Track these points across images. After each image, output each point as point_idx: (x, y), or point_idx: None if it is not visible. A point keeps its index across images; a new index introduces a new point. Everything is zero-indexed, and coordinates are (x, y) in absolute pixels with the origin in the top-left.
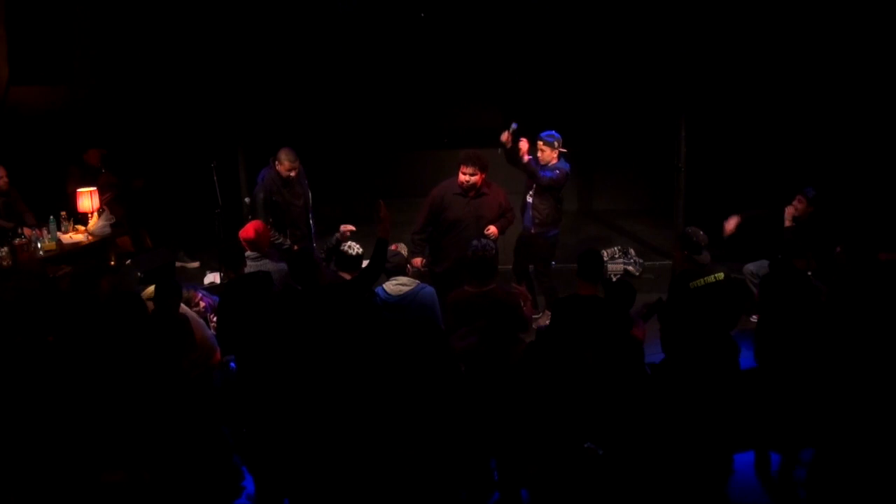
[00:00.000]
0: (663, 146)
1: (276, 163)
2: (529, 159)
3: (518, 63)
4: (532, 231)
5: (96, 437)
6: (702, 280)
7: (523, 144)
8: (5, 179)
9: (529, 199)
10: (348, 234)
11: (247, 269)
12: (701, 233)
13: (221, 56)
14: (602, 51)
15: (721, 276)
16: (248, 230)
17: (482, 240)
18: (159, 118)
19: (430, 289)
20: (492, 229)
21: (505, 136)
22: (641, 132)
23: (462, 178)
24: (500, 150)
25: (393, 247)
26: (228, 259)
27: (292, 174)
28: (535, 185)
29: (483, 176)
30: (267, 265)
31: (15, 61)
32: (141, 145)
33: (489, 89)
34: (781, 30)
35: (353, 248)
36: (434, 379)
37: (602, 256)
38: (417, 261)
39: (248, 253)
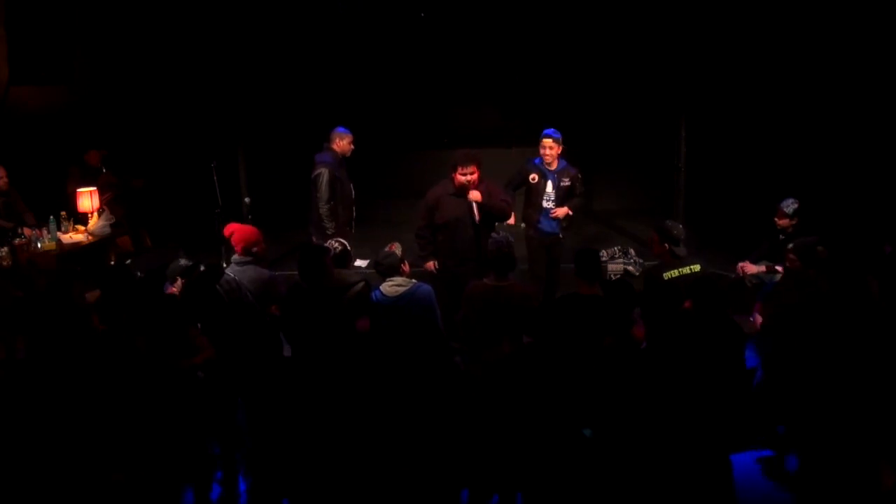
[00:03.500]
0: (663, 146)
1: (338, 139)
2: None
3: (518, 63)
4: (560, 236)
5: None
6: (676, 271)
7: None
8: (5, 180)
9: (549, 205)
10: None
11: (229, 273)
12: (680, 226)
13: (221, 56)
14: (602, 51)
15: (697, 268)
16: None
17: (500, 233)
18: (159, 118)
19: (426, 287)
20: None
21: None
22: (641, 132)
23: (461, 178)
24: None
25: (389, 247)
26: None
27: (353, 147)
28: (555, 191)
29: (479, 173)
30: (248, 271)
31: (15, 61)
32: (141, 145)
33: (489, 89)
34: (781, 30)
35: (332, 246)
36: (434, 380)
37: (599, 255)
38: (430, 264)
39: (233, 256)
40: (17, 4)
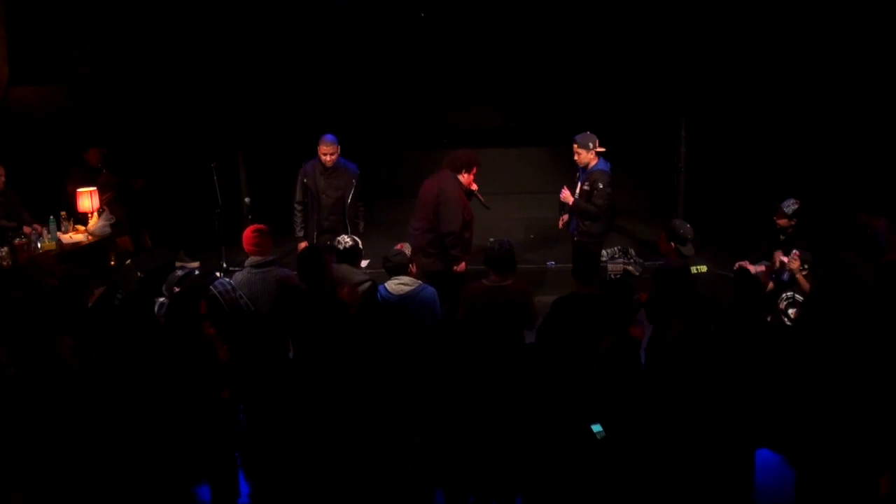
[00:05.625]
0: (663, 146)
1: (318, 148)
2: (574, 200)
3: (518, 63)
4: (575, 238)
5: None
6: (695, 268)
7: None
8: (2, 179)
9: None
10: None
11: (245, 278)
12: (688, 226)
13: (221, 56)
14: (602, 51)
15: (704, 268)
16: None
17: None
18: (159, 118)
19: (431, 289)
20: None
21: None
22: (641, 132)
23: (471, 178)
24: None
25: (398, 246)
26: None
27: (327, 158)
28: (579, 193)
29: None
30: (268, 275)
31: (15, 61)
32: (141, 145)
33: (489, 89)
34: (781, 30)
35: (343, 241)
36: (433, 380)
37: (596, 254)
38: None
39: (251, 259)
40: (17, 4)
